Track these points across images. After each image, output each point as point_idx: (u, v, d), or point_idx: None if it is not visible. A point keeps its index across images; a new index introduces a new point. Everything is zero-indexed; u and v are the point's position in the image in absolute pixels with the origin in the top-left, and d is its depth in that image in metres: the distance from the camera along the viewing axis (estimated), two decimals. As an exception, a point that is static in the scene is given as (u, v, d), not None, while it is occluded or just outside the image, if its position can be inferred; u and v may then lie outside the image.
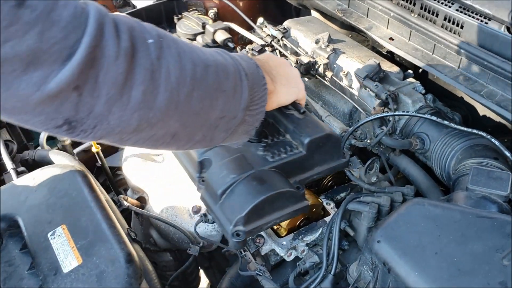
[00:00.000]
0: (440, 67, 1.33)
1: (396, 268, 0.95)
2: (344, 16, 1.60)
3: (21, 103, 0.61)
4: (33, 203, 1.23)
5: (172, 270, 1.56)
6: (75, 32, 0.61)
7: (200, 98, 0.77)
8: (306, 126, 1.13)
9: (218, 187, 1.04)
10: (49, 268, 1.09)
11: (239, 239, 0.98)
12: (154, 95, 0.69)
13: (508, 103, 1.17)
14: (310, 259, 1.24)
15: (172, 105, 0.73)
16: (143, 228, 1.61)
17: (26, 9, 0.57)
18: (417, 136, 1.31)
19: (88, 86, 0.63)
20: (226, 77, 0.82)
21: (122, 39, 0.66)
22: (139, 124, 0.71)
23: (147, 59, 0.68)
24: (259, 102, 0.91)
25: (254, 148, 1.12)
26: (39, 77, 0.59)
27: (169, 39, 0.74)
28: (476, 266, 0.90)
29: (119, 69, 0.65)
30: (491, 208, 1.03)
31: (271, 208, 1.02)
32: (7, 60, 0.57)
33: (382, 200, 1.17)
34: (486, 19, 1.24)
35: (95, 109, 0.65)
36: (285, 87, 1.05)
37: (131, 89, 0.67)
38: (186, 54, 0.75)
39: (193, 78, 0.75)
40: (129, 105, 0.67)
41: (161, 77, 0.70)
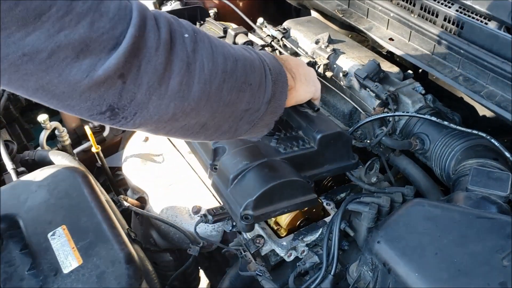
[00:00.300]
0: (440, 67, 1.33)
1: (396, 269, 0.95)
2: (344, 16, 1.60)
3: (70, 88, 0.64)
4: (33, 203, 1.23)
5: (172, 270, 1.56)
6: (121, 23, 0.65)
7: (229, 89, 0.81)
8: (319, 123, 1.17)
9: (231, 172, 1.07)
10: (49, 269, 1.09)
11: (247, 222, 1.01)
12: (189, 86, 0.74)
13: (508, 103, 1.17)
14: (310, 259, 1.24)
15: (205, 96, 0.77)
16: (143, 228, 1.61)
17: (79, 1, 0.61)
18: (417, 136, 1.31)
19: (132, 75, 0.67)
20: (252, 71, 0.87)
21: (162, 32, 0.70)
22: (174, 112, 0.75)
23: (184, 52, 0.73)
24: (280, 96, 0.97)
25: (267, 140, 1.15)
26: (88, 65, 0.63)
27: (202, 34, 0.78)
28: (476, 267, 0.90)
29: (159, 59, 0.69)
30: (491, 209, 1.03)
31: (280, 195, 1.05)
32: (60, 47, 0.60)
33: (382, 201, 1.16)
34: (486, 20, 1.24)
35: (137, 96, 0.69)
36: (304, 85, 1.11)
37: (169, 79, 0.71)
38: (218, 48, 0.79)
39: (224, 71, 0.79)
40: (167, 94, 0.72)
41: (196, 69, 0.74)
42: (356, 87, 1.45)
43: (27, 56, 0.60)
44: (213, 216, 1.22)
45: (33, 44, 0.59)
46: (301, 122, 1.19)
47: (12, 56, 0.59)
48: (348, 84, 1.47)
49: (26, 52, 0.60)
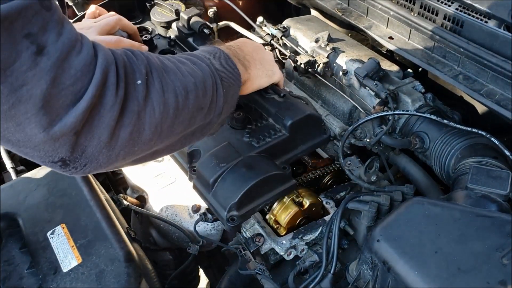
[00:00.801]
0: (439, 66, 1.33)
1: (395, 267, 0.95)
2: (343, 15, 1.60)
3: (26, 139, 0.65)
4: (33, 202, 1.23)
5: (171, 269, 1.56)
6: (82, 80, 0.66)
7: (180, 122, 0.83)
8: (287, 108, 1.18)
9: (210, 176, 1.09)
10: (49, 267, 1.10)
11: (234, 223, 1.05)
12: (140, 133, 0.75)
13: (508, 102, 1.17)
14: (310, 258, 1.24)
15: (156, 136, 0.78)
16: (142, 227, 1.61)
17: (44, 56, 0.61)
18: (416, 135, 1.31)
19: (84, 131, 0.68)
20: (204, 95, 0.87)
21: (120, 88, 0.70)
22: (124, 157, 0.76)
23: (135, 103, 0.73)
24: (232, 100, 0.99)
25: (239, 135, 1.17)
26: (47, 120, 0.63)
27: (153, 74, 0.78)
28: (476, 265, 0.90)
29: (112, 116, 0.70)
30: (490, 207, 1.02)
31: (261, 191, 1.09)
32: (22, 102, 0.61)
33: (381, 199, 1.16)
34: (486, 18, 1.24)
35: (87, 150, 0.70)
36: (259, 71, 1.12)
37: (119, 131, 0.72)
38: (168, 87, 0.79)
39: (175, 108, 0.80)
40: (117, 145, 0.72)
41: (145, 116, 0.75)
42: (356, 86, 1.44)
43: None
44: (212, 214, 1.22)
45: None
46: (270, 109, 1.20)
47: None
48: (347, 82, 1.47)
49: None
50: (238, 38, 2.00)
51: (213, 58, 0.96)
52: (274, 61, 1.20)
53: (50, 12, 0.63)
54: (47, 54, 0.62)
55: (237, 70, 1.00)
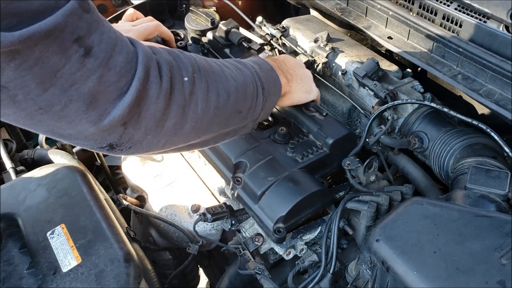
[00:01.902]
0: (438, 66, 1.33)
1: (394, 267, 0.95)
2: (343, 15, 1.60)
3: (78, 133, 0.71)
4: (32, 202, 1.23)
5: (171, 269, 1.56)
6: (126, 76, 0.70)
7: (219, 122, 0.90)
8: (328, 127, 1.28)
9: (258, 188, 1.16)
10: (48, 268, 1.09)
11: (280, 235, 1.11)
12: (182, 125, 0.81)
13: (507, 102, 1.17)
14: (309, 258, 1.24)
15: (195, 131, 0.85)
16: (142, 227, 1.61)
17: (91, 58, 0.65)
18: (415, 135, 1.31)
19: (132, 122, 0.73)
20: (244, 99, 0.94)
21: (163, 81, 0.75)
22: (164, 145, 0.83)
23: (181, 97, 0.79)
24: (269, 108, 1.06)
25: (283, 149, 1.25)
26: (96, 116, 0.69)
27: (201, 73, 0.84)
28: (475, 265, 0.90)
29: (158, 107, 0.75)
30: (489, 207, 1.03)
31: (305, 205, 1.15)
32: (72, 101, 0.66)
33: (380, 199, 1.17)
34: (485, 18, 1.24)
35: (134, 137, 0.76)
36: (300, 86, 1.19)
37: (165, 121, 0.78)
38: (213, 87, 0.85)
39: (216, 108, 0.86)
40: (161, 133, 0.79)
41: (189, 111, 0.81)
42: (355, 86, 1.45)
43: (43, 109, 0.65)
44: (212, 214, 1.23)
45: (49, 99, 0.64)
46: (311, 127, 1.29)
47: (29, 110, 0.64)
48: (347, 82, 1.47)
49: (42, 106, 0.64)
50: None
51: (258, 67, 1.01)
52: (312, 79, 1.26)
53: (90, 14, 0.66)
54: (93, 55, 0.66)
55: (279, 81, 1.06)
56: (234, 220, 1.29)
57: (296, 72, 1.18)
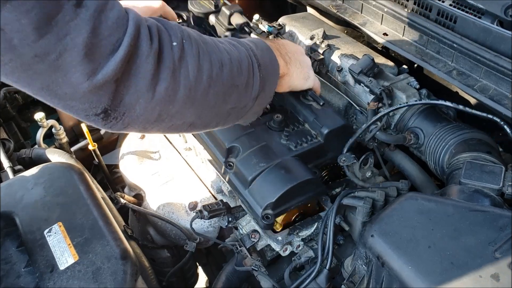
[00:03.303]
0: (433, 62, 1.33)
1: (389, 262, 0.96)
2: (338, 12, 1.61)
3: (72, 90, 0.70)
4: (30, 201, 1.24)
5: (169, 266, 1.57)
6: (118, 31, 0.72)
7: (215, 94, 0.88)
8: (324, 117, 1.27)
9: (249, 174, 1.15)
10: (46, 266, 1.10)
11: (268, 222, 1.11)
12: (175, 91, 0.80)
13: (502, 97, 1.18)
14: (306, 254, 1.24)
15: (190, 100, 0.83)
16: (140, 225, 1.62)
17: (83, 8, 0.67)
18: (411, 131, 1.32)
19: (124, 78, 0.74)
20: (239, 72, 0.92)
21: (153, 41, 0.76)
22: (159, 114, 0.81)
23: (170, 60, 0.78)
24: (269, 88, 1.03)
25: (277, 137, 1.24)
26: (90, 68, 0.69)
27: (191, 40, 0.83)
28: (469, 259, 0.91)
29: (148, 66, 0.75)
30: (484, 202, 1.03)
31: (296, 193, 1.15)
32: (67, 50, 0.67)
33: (376, 195, 1.17)
34: (480, 14, 1.24)
35: (125, 98, 0.75)
36: (298, 70, 1.17)
37: (155, 84, 0.77)
38: (204, 55, 0.85)
39: (209, 77, 0.85)
40: (154, 98, 0.78)
41: (181, 76, 0.80)
42: (351, 83, 1.45)
43: (39, 57, 0.66)
44: (208, 212, 1.23)
45: (45, 47, 0.65)
46: (307, 116, 1.28)
47: (25, 57, 0.65)
48: (342, 79, 1.48)
49: (38, 53, 0.65)
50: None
51: (254, 45, 1.00)
52: (311, 67, 1.25)
53: None
54: (85, 6, 0.67)
55: (276, 62, 1.04)
56: (230, 217, 1.29)
57: (296, 57, 1.17)
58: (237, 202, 1.33)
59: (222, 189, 1.37)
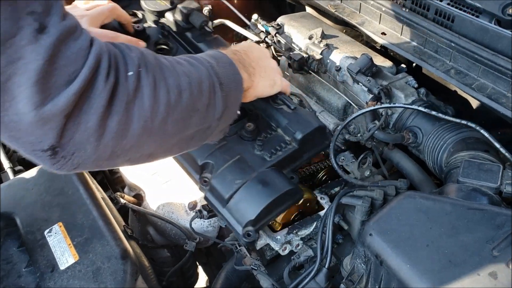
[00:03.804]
0: (431, 61, 1.34)
1: (388, 261, 0.96)
2: (336, 11, 1.61)
3: (18, 118, 0.65)
4: (30, 201, 1.24)
5: (170, 266, 1.57)
6: (77, 63, 0.68)
7: (174, 121, 0.82)
8: (297, 121, 1.21)
9: (225, 192, 1.11)
10: (46, 265, 1.11)
11: (250, 239, 1.07)
12: (128, 125, 0.74)
13: (499, 95, 1.18)
14: (305, 253, 1.25)
15: (146, 132, 0.78)
16: (140, 225, 1.62)
17: (44, 35, 0.64)
18: (409, 130, 1.32)
19: (74, 114, 0.69)
20: (200, 95, 0.87)
21: (110, 75, 0.72)
22: (113, 151, 0.75)
23: (125, 92, 0.73)
24: (233, 105, 0.98)
25: (251, 147, 1.19)
26: (38, 98, 0.65)
27: (147, 68, 0.78)
28: (467, 258, 0.91)
29: (101, 102, 0.70)
30: (481, 200, 1.04)
31: (275, 206, 1.11)
32: (17, 74, 0.63)
33: (375, 194, 1.17)
34: (477, 13, 1.25)
35: (75, 136, 0.70)
36: (263, 79, 1.12)
37: (107, 119, 0.72)
38: (161, 82, 0.79)
39: (167, 105, 0.79)
40: (104, 134, 0.72)
41: (134, 108, 0.75)
42: (349, 82, 1.45)
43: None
44: (208, 211, 1.24)
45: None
46: (280, 121, 1.22)
47: None
48: (341, 79, 1.48)
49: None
50: (233, 36, 2.02)
51: (215, 62, 0.95)
52: (277, 70, 1.20)
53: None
54: (47, 33, 0.64)
55: (239, 76, 0.99)
56: (230, 216, 1.30)
57: (260, 64, 1.12)
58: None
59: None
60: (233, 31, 1.87)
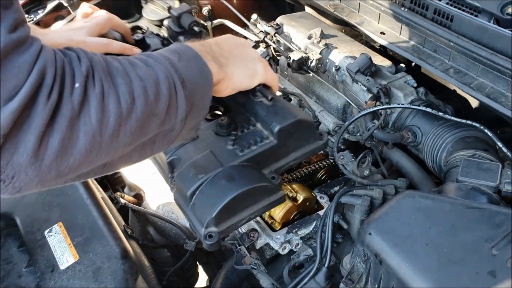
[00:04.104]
0: (430, 60, 1.34)
1: (387, 260, 0.96)
2: (336, 11, 1.61)
3: None
4: (30, 201, 1.25)
5: (170, 265, 1.58)
6: (19, 78, 0.61)
7: (127, 132, 0.75)
8: (275, 113, 1.08)
9: (187, 188, 1.00)
10: (46, 265, 1.11)
11: (212, 241, 0.95)
12: (73, 142, 0.68)
13: (498, 95, 1.18)
14: (304, 252, 1.25)
15: (95, 147, 0.71)
16: (140, 225, 1.63)
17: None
18: (409, 129, 1.32)
19: (12, 133, 0.62)
20: (157, 100, 0.79)
21: (54, 91, 0.65)
22: (59, 171, 0.69)
23: (69, 107, 0.67)
24: (202, 102, 0.90)
25: (223, 143, 1.08)
26: None
27: (94, 77, 0.72)
28: (466, 256, 0.91)
29: (41, 120, 0.64)
30: (481, 199, 1.04)
31: (243, 204, 1.00)
32: None
33: (374, 193, 1.18)
34: (476, 12, 1.25)
35: (14, 158, 0.63)
36: (239, 69, 1.03)
37: (48, 138, 0.65)
38: (110, 92, 0.72)
39: (119, 116, 0.73)
40: (46, 155, 0.66)
41: (79, 123, 0.68)
42: (349, 82, 1.45)
43: None
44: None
45: None
46: (258, 114, 1.10)
47: None
48: (340, 78, 1.48)
49: None
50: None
51: (177, 57, 0.87)
52: (258, 59, 1.09)
53: (7, 11, 0.61)
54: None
55: (207, 69, 0.91)
56: (229, 216, 1.29)
57: (235, 54, 1.03)
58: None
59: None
60: (232, 31, 1.88)
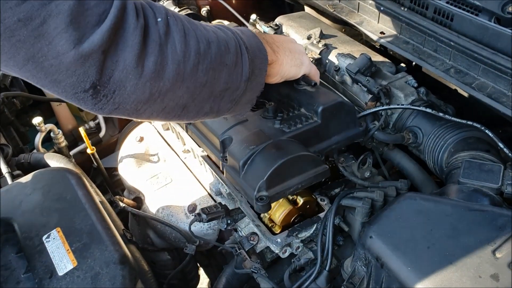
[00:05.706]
0: (431, 60, 1.32)
1: (388, 263, 0.96)
2: (335, 11, 1.60)
3: (58, 61, 0.69)
4: (28, 206, 1.23)
5: (170, 269, 1.57)
6: (104, 3, 0.71)
7: (204, 70, 0.85)
8: (318, 97, 1.20)
9: (239, 158, 1.09)
10: (45, 271, 1.10)
11: (263, 203, 1.03)
12: (163, 66, 0.78)
13: (500, 94, 1.17)
14: (305, 255, 1.24)
15: (180, 76, 0.81)
16: (140, 228, 1.62)
17: None
18: (409, 130, 1.31)
19: (111, 52, 0.72)
20: (227, 51, 0.90)
21: (139, 16, 0.76)
22: (151, 92, 0.79)
23: (157, 34, 0.77)
24: (260, 73, 0.99)
25: (271, 123, 1.18)
26: (76, 36, 0.68)
27: (175, 17, 0.83)
28: (468, 259, 0.90)
29: (135, 39, 0.74)
30: (482, 201, 1.03)
31: (291, 171, 1.08)
32: (52, 16, 0.66)
33: (375, 195, 1.17)
34: (477, 11, 1.24)
35: (115, 73, 0.74)
36: (288, 58, 1.12)
37: (144, 59, 0.76)
38: (190, 32, 0.83)
39: (197, 52, 0.83)
40: (143, 74, 0.76)
41: (168, 50, 0.79)
42: (349, 82, 1.44)
43: (22, 21, 0.65)
44: (207, 214, 1.23)
45: (28, 11, 0.64)
46: (301, 100, 1.22)
47: (8, 21, 0.64)
48: (340, 79, 1.47)
49: (21, 18, 0.64)
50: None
51: (240, 31, 0.98)
52: (304, 53, 1.20)
53: None
54: None
55: (263, 48, 1.01)
56: (229, 219, 1.29)
57: (284, 45, 1.13)
58: (235, 204, 1.33)
59: (221, 191, 1.37)
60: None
